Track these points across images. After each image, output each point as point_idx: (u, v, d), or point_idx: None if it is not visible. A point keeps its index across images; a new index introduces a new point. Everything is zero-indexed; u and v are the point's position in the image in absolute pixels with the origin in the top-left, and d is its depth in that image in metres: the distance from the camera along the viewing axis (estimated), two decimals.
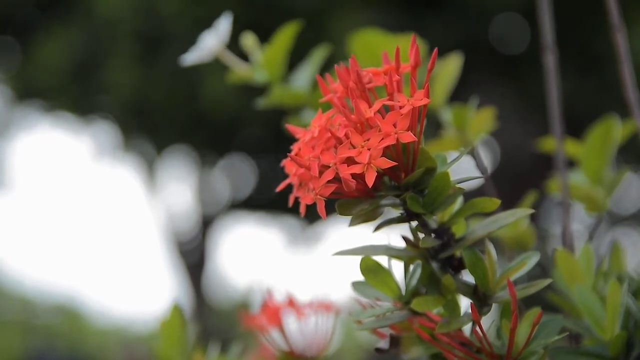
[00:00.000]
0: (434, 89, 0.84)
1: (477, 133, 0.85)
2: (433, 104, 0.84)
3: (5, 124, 5.53)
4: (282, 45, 0.86)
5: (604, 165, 0.84)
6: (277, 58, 0.86)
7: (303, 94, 0.85)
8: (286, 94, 0.85)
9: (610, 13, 0.79)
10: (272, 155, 5.08)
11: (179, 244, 6.07)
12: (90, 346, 6.87)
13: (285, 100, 0.86)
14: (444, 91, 0.84)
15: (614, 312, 0.59)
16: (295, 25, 0.85)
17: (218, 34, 0.85)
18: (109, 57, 4.22)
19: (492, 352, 0.55)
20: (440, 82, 0.84)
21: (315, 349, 0.82)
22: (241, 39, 0.87)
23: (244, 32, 0.88)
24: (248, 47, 0.87)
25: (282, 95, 0.85)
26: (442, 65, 0.84)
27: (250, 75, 0.87)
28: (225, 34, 0.85)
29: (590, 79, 3.84)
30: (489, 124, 0.85)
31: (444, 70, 0.84)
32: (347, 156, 0.52)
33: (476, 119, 0.84)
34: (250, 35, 0.87)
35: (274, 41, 0.86)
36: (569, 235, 0.81)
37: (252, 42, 0.87)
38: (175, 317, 0.82)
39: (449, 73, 0.84)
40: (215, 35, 0.85)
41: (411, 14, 3.77)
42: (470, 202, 0.56)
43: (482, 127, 0.85)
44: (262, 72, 0.86)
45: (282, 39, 0.86)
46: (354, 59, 0.55)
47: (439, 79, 0.84)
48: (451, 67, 0.84)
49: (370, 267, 0.58)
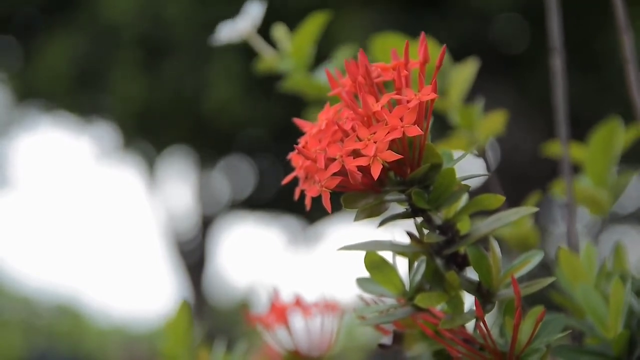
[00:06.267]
0: (449, 92, 0.84)
1: (486, 134, 0.85)
2: (448, 105, 0.84)
3: (6, 123, 5.54)
4: (309, 35, 0.86)
5: (608, 168, 0.84)
6: (304, 47, 0.86)
7: (326, 87, 0.85)
8: (310, 84, 0.85)
9: (617, 14, 0.79)
10: (272, 155, 5.08)
11: (179, 244, 6.08)
12: (91, 346, 6.86)
13: (308, 90, 0.86)
14: (459, 95, 0.84)
15: (617, 310, 0.59)
16: (322, 15, 0.85)
17: (250, 17, 0.85)
18: (112, 62, 4.22)
19: (495, 349, 0.55)
20: (456, 85, 0.84)
21: (320, 348, 0.82)
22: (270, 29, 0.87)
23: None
24: (277, 37, 0.87)
25: (305, 85, 0.85)
26: (458, 69, 0.84)
27: (278, 63, 0.87)
28: (257, 18, 0.85)
29: (592, 79, 3.84)
30: (499, 126, 0.85)
31: (460, 75, 0.84)
32: (353, 148, 0.52)
33: (487, 121, 0.85)
34: (281, 26, 0.87)
35: (301, 30, 0.86)
36: (573, 235, 0.81)
37: (281, 32, 0.87)
38: (181, 315, 0.82)
39: (464, 77, 0.84)
40: (247, 19, 0.85)
41: (412, 14, 3.77)
42: (475, 199, 0.57)
43: (492, 129, 0.85)
44: (288, 61, 0.86)
45: (309, 28, 0.86)
46: (362, 54, 0.55)
47: (454, 83, 0.84)
48: (467, 71, 0.84)
49: (374, 263, 0.58)
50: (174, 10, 3.98)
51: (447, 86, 0.83)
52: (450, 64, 0.84)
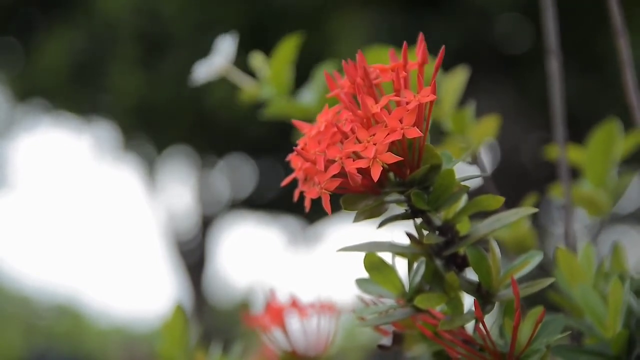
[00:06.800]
0: (441, 101, 0.84)
1: (480, 139, 0.85)
2: (439, 113, 0.84)
3: (6, 123, 5.54)
4: (285, 58, 0.85)
5: (607, 169, 0.84)
6: (282, 72, 0.86)
7: (310, 108, 0.85)
8: (293, 107, 0.85)
9: (613, 18, 0.79)
10: (272, 155, 5.08)
11: (179, 244, 6.07)
12: (90, 346, 6.87)
13: (291, 114, 0.85)
14: (451, 103, 0.84)
15: (616, 310, 0.60)
16: (297, 37, 0.85)
17: (224, 53, 0.85)
18: (111, 59, 4.22)
19: (495, 350, 0.56)
20: (447, 94, 0.84)
21: (317, 349, 0.82)
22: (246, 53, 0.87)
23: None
24: (256, 65, 0.87)
25: (287, 109, 0.85)
26: (449, 78, 0.84)
27: (258, 91, 0.87)
28: (230, 53, 0.85)
29: (590, 79, 3.84)
30: (492, 131, 0.85)
31: (451, 83, 0.84)
32: (352, 150, 0.52)
33: (480, 126, 0.85)
34: (258, 54, 0.87)
35: (277, 55, 0.86)
36: (571, 236, 0.81)
37: (259, 60, 0.87)
38: (177, 316, 0.83)
39: (455, 86, 0.84)
40: (221, 54, 0.85)
41: (412, 14, 3.77)
42: (474, 200, 0.57)
43: (485, 134, 0.85)
44: (268, 88, 0.86)
45: (285, 51, 0.85)
46: (361, 55, 0.55)
47: (445, 91, 0.84)
48: (457, 80, 0.84)
49: (374, 264, 0.58)
50: (172, 5, 3.98)
51: (439, 95, 0.83)
52: (441, 73, 0.84)
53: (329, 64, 0.85)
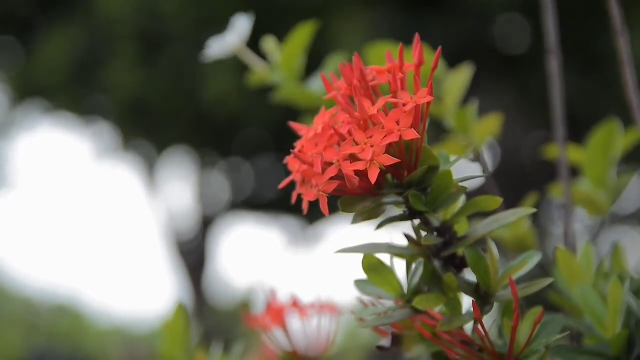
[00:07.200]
0: (444, 98, 0.84)
1: (482, 137, 0.85)
2: (442, 111, 0.84)
3: (6, 123, 5.53)
4: (298, 44, 0.86)
5: (607, 169, 0.84)
6: (293, 57, 0.86)
7: (320, 95, 0.85)
8: (301, 93, 0.85)
9: (613, 17, 0.79)
10: (272, 155, 5.08)
11: (179, 244, 6.07)
12: (91, 346, 6.87)
13: (299, 100, 0.86)
14: (454, 100, 0.84)
15: (616, 310, 0.59)
16: (311, 25, 0.85)
17: (238, 31, 0.85)
18: (110, 57, 4.22)
19: (493, 351, 0.56)
20: (450, 92, 0.84)
21: (317, 349, 0.82)
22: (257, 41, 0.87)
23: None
24: (268, 49, 0.87)
25: (296, 95, 0.85)
26: (453, 76, 0.84)
27: (269, 75, 0.87)
28: (245, 32, 0.85)
29: (590, 79, 3.84)
30: (494, 129, 0.85)
31: (454, 81, 0.84)
32: (350, 153, 0.52)
33: (482, 124, 0.85)
34: (271, 38, 0.87)
35: (290, 41, 0.86)
36: (571, 236, 0.81)
37: (271, 45, 0.87)
38: (178, 316, 0.83)
39: (459, 83, 0.84)
40: (236, 33, 0.85)
41: (412, 14, 3.77)
42: (472, 200, 0.57)
43: (487, 132, 0.85)
44: (279, 72, 0.86)
45: (298, 38, 0.86)
46: (357, 57, 0.55)
47: (449, 88, 0.84)
48: (461, 77, 0.84)
49: (372, 265, 0.58)
50: (170, 3, 3.98)
51: (442, 92, 0.83)
52: (444, 70, 0.84)
53: (339, 56, 0.85)
